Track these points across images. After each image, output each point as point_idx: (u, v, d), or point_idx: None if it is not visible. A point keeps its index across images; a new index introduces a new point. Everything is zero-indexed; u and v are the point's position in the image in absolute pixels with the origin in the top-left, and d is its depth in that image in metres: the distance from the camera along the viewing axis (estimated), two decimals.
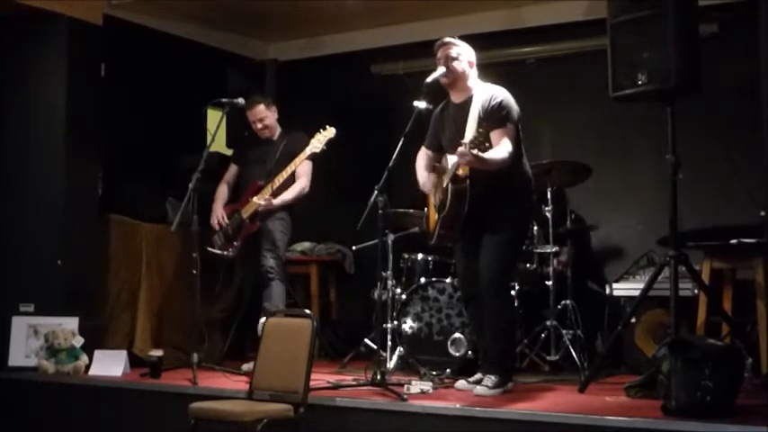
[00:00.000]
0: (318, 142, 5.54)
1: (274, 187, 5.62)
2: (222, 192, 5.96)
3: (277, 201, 5.63)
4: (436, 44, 4.74)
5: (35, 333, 5.63)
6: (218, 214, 5.83)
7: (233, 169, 6.03)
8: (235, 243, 5.70)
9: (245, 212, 5.70)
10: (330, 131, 5.56)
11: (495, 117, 4.49)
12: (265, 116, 5.82)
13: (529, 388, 4.81)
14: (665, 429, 3.69)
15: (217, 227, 5.82)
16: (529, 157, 4.77)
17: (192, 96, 6.07)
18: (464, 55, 4.69)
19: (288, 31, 7.27)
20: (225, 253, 5.72)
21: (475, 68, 4.73)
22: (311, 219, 6.68)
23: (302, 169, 5.69)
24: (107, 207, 6.12)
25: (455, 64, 4.66)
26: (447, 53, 4.68)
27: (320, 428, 4.27)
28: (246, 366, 5.47)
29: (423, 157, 4.93)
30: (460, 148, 4.27)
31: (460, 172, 4.48)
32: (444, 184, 4.61)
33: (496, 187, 4.53)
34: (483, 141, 4.28)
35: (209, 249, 5.73)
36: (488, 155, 4.36)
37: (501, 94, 4.60)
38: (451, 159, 4.51)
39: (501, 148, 4.44)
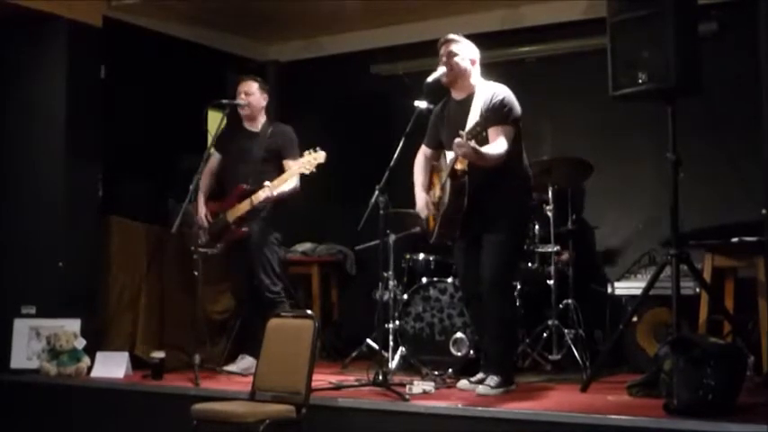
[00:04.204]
0: (309, 165, 5.25)
1: (275, 191, 5.36)
2: (206, 184, 5.62)
3: (276, 192, 5.35)
4: (439, 41, 4.74)
5: (37, 335, 5.64)
6: (204, 212, 5.57)
7: (216, 159, 5.67)
8: (218, 245, 5.48)
9: (231, 216, 5.48)
10: (320, 156, 5.25)
11: (496, 114, 4.48)
12: (253, 92, 5.57)
13: (531, 387, 4.82)
14: (667, 428, 3.69)
15: (204, 224, 5.56)
16: (529, 156, 4.78)
17: (191, 98, 6.07)
18: (466, 52, 4.69)
19: (288, 33, 7.27)
20: (209, 251, 5.46)
21: (477, 66, 4.73)
22: (312, 219, 6.70)
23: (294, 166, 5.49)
24: (107, 208, 6.12)
25: (456, 61, 4.66)
26: (449, 50, 4.68)
27: (322, 429, 4.27)
28: (233, 367, 5.47)
29: (420, 161, 4.92)
30: (458, 139, 4.27)
31: (459, 167, 4.48)
32: (443, 181, 4.61)
33: (496, 185, 4.52)
34: (481, 132, 4.28)
35: (198, 249, 5.37)
36: (485, 149, 4.36)
37: (503, 91, 4.60)
38: (450, 156, 4.51)
39: (497, 145, 4.44)
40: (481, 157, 4.34)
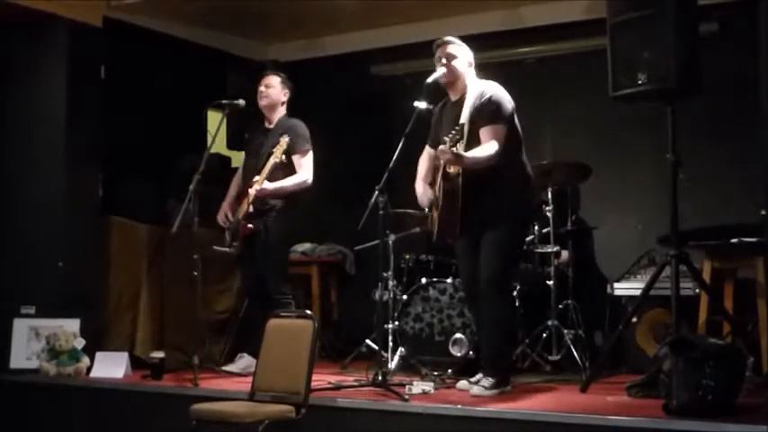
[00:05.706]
0: (278, 152, 5.28)
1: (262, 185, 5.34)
2: (232, 188, 5.78)
3: (271, 186, 5.33)
4: (435, 43, 4.75)
5: (36, 335, 5.64)
6: (223, 212, 5.65)
7: (244, 162, 5.83)
8: (234, 243, 5.52)
9: (240, 213, 5.50)
10: (283, 142, 5.28)
11: (484, 113, 4.50)
12: (274, 86, 5.60)
13: (530, 388, 4.81)
14: (666, 429, 3.69)
15: (223, 224, 5.63)
16: (529, 157, 4.77)
17: (191, 98, 6.08)
18: (463, 54, 4.71)
19: (288, 33, 7.27)
20: (228, 249, 5.53)
21: (473, 68, 4.74)
22: (312, 219, 6.68)
23: (302, 161, 5.48)
24: (107, 209, 6.13)
25: (455, 63, 4.67)
26: (447, 52, 4.69)
27: (322, 429, 4.27)
28: (232, 366, 5.47)
29: (425, 160, 4.92)
30: (441, 147, 4.29)
31: (451, 170, 4.48)
32: (437, 183, 4.61)
33: (494, 183, 4.51)
34: (460, 139, 4.29)
35: (215, 248, 5.51)
36: (471, 154, 4.36)
37: (492, 89, 4.60)
38: None
39: (486, 148, 4.44)
40: (467, 162, 4.34)
